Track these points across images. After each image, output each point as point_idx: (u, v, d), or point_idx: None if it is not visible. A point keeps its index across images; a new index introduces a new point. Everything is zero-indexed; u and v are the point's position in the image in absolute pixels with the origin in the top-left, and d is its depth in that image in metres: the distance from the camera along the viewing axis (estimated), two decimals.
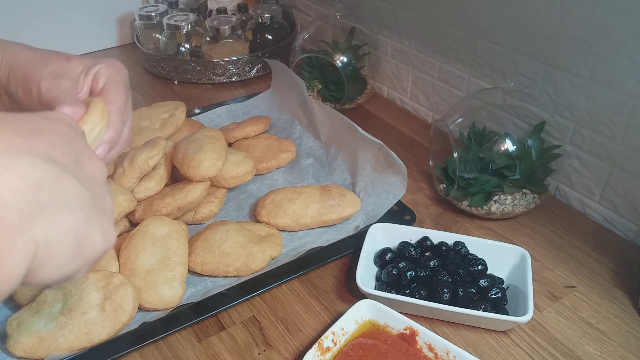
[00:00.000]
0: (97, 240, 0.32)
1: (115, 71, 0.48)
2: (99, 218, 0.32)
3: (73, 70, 0.48)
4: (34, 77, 0.46)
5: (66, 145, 0.32)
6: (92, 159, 0.34)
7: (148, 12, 1.10)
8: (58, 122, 0.34)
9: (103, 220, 0.33)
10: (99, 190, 0.34)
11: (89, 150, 0.35)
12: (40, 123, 0.32)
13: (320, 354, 0.51)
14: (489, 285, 0.57)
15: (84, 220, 0.31)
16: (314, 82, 0.99)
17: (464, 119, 0.73)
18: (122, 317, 0.54)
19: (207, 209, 0.69)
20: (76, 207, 0.30)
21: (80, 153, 0.33)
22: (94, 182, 0.33)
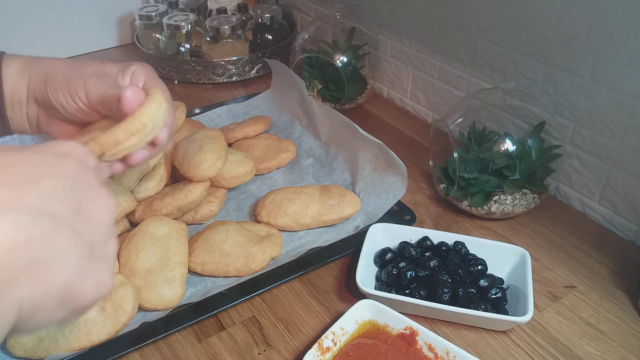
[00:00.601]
0: (88, 292, 0.31)
1: (150, 70, 0.51)
2: (94, 269, 0.31)
3: (110, 71, 0.50)
4: (77, 79, 0.47)
5: (68, 191, 0.31)
6: (100, 199, 0.33)
7: (148, 12, 1.10)
8: (65, 160, 0.32)
9: (99, 270, 0.32)
10: (101, 235, 0.33)
11: (97, 190, 0.34)
12: (42, 165, 0.31)
13: (320, 354, 0.51)
14: (489, 285, 0.57)
15: (75, 274, 0.30)
16: (314, 82, 0.99)
17: (464, 119, 0.73)
18: (122, 317, 0.54)
19: (207, 209, 0.69)
20: (67, 262, 0.29)
21: (86, 195, 0.32)
22: (97, 227, 0.32)
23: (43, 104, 0.48)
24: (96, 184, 0.34)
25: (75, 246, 0.30)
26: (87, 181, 0.33)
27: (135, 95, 0.44)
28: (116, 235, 0.35)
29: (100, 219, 0.33)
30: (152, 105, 0.44)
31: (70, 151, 0.34)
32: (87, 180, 0.33)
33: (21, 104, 0.49)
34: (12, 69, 0.48)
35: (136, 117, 0.44)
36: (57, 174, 0.31)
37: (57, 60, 0.50)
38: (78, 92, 0.46)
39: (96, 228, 0.32)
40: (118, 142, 0.44)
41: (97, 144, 0.44)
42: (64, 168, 0.32)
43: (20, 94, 0.48)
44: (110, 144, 0.44)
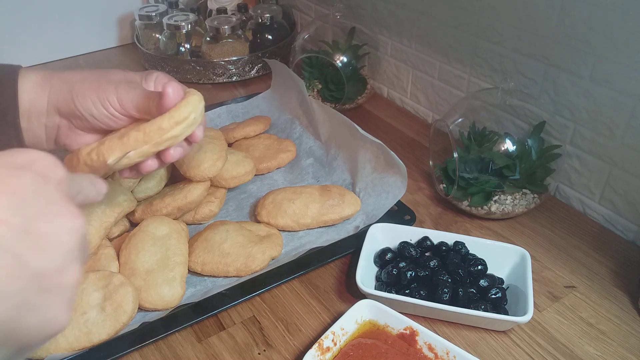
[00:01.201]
0: (32, 329, 0.27)
1: (171, 77, 0.52)
2: (41, 302, 0.28)
3: (134, 78, 0.51)
4: (106, 86, 0.48)
5: (16, 209, 0.27)
6: (60, 218, 0.29)
7: (148, 12, 1.10)
8: (20, 173, 0.29)
9: (49, 303, 0.28)
10: (56, 261, 0.28)
11: (57, 208, 0.30)
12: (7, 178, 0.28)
13: (320, 354, 0.51)
14: (489, 285, 0.57)
15: (13, 309, 0.26)
16: (314, 82, 0.99)
17: (464, 119, 0.73)
18: (122, 317, 0.54)
19: (207, 209, 0.69)
20: (5, 298, 0.26)
21: (41, 213, 0.28)
22: (51, 252, 0.28)
23: (68, 114, 0.48)
24: (58, 200, 0.30)
25: (16, 276, 0.26)
26: (45, 197, 0.29)
27: (176, 91, 0.46)
28: (80, 260, 0.30)
29: (57, 241, 0.29)
30: (195, 98, 0.47)
31: (31, 162, 0.30)
32: (45, 196, 0.29)
33: (40, 115, 0.49)
34: (29, 82, 0.48)
35: (180, 107, 0.46)
36: (10, 188, 0.28)
37: (78, 71, 0.51)
38: (109, 98, 0.47)
39: (49, 253, 0.28)
40: (162, 129, 0.45)
41: (140, 132, 0.45)
42: (17, 182, 0.28)
43: (40, 105, 0.49)
44: (154, 131, 0.45)
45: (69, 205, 0.30)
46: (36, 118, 0.49)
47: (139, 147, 0.46)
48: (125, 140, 0.46)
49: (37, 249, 0.28)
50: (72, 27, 1.18)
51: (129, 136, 0.46)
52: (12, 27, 1.11)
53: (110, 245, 0.62)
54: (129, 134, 0.46)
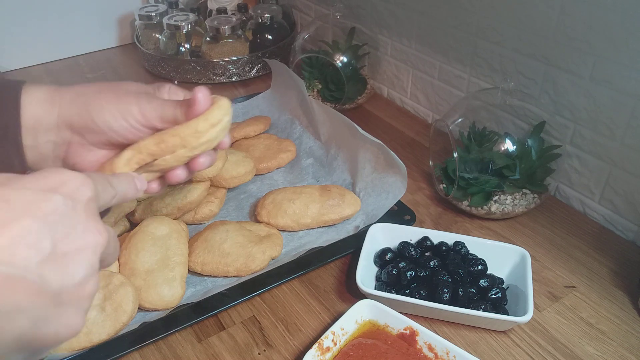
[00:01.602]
0: (49, 338, 0.30)
1: (183, 88, 0.52)
2: (58, 315, 0.30)
3: (147, 89, 0.50)
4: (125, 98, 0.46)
5: (43, 232, 0.29)
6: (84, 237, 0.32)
7: (148, 12, 1.10)
8: (49, 196, 0.31)
9: (66, 315, 0.30)
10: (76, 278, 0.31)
11: (82, 227, 0.32)
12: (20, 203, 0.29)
13: (320, 354, 0.51)
14: (489, 285, 0.57)
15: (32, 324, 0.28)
16: (314, 82, 0.99)
17: (464, 119, 0.73)
18: (122, 317, 0.54)
19: (207, 209, 0.69)
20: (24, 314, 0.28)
21: (67, 234, 0.31)
22: (72, 270, 0.30)
23: (82, 128, 0.46)
24: (83, 220, 0.32)
25: (37, 296, 0.28)
26: (71, 218, 0.31)
27: (206, 97, 0.45)
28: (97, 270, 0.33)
29: (79, 260, 0.31)
30: (226, 101, 0.47)
31: (61, 184, 0.32)
32: (71, 217, 0.31)
33: (48, 131, 0.47)
34: (34, 97, 0.46)
35: (213, 110, 0.45)
36: (34, 214, 0.29)
37: (89, 84, 0.49)
38: (131, 109, 0.46)
39: (71, 271, 0.30)
40: (198, 132, 0.44)
41: (176, 137, 0.44)
42: (45, 206, 0.30)
43: (48, 121, 0.46)
44: (191, 135, 0.44)
45: (93, 222, 0.33)
46: (43, 135, 0.47)
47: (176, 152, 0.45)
48: (164, 146, 0.45)
49: (60, 269, 0.30)
50: (72, 27, 1.18)
51: (167, 142, 0.45)
52: (12, 27, 1.11)
53: None
54: (165, 140, 0.45)
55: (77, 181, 0.33)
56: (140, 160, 0.46)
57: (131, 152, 0.46)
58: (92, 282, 0.32)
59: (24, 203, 0.29)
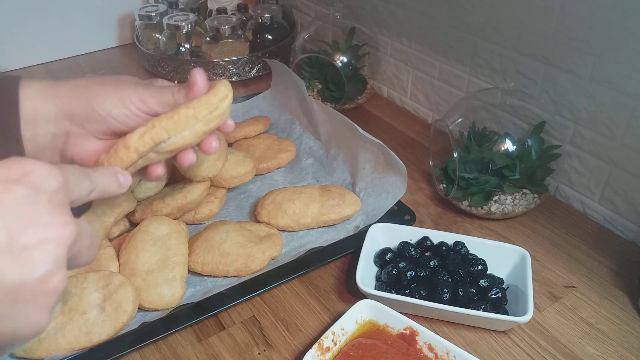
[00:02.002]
0: (6, 334, 0.29)
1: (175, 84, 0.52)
2: (18, 311, 0.29)
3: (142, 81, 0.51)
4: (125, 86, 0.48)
5: (6, 222, 0.29)
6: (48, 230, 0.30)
7: (148, 12, 1.10)
8: (11, 187, 0.30)
9: (24, 311, 0.29)
10: (36, 272, 0.29)
11: (46, 219, 0.31)
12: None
13: (320, 354, 0.51)
14: (489, 285, 0.57)
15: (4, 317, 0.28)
16: (314, 82, 0.99)
17: (464, 119, 0.73)
18: (122, 317, 0.54)
19: (207, 209, 0.69)
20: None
21: (27, 226, 0.30)
22: (32, 264, 0.29)
23: (82, 118, 0.47)
24: (47, 212, 0.31)
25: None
26: (34, 210, 0.30)
27: (203, 77, 0.46)
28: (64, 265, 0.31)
29: (40, 253, 0.30)
30: (226, 80, 0.48)
31: (25, 174, 0.31)
32: (33, 208, 0.30)
33: (47, 122, 0.47)
34: (32, 90, 0.47)
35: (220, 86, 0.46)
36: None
37: (86, 78, 0.50)
38: (130, 97, 0.47)
39: (30, 265, 0.29)
40: (211, 103, 0.46)
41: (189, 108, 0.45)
42: (7, 196, 0.29)
43: (47, 112, 0.47)
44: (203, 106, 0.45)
45: (59, 215, 0.31)
46: (42, 126, 0.47)
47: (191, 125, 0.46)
48: (177, 118, 0.45)
49: (17, 263, 0.29)
50: (72, 27, 1.18)
51: (179, 114, 0.45)
52: (12, 27, 1.11)
53: (110, 245, 0.62)
54: (178, 112, 0.45)
55: (42, 171, 0.32)
56: (155, 135, 0.46)
57: (144, 127, 0.46)
58: (57, 278, 0.30)
59: None
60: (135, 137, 0.46)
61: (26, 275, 0.29)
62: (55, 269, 0.30)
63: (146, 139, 0.46)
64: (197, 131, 0.47)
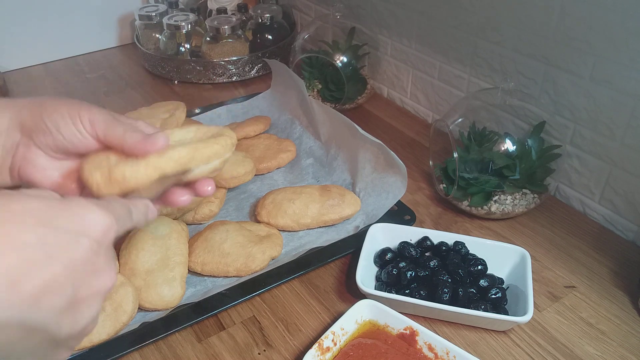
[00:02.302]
0: None
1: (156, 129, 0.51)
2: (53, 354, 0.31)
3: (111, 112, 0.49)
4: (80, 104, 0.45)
5: (70, 279, 0.30)
6: (100, 280, 0.32)
7: (148, 12, 1.10)
8: (79, 241, 0.31)
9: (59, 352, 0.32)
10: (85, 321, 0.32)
11: (100, 272, 0.32)
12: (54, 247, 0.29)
13: (320, 354, 0.51)
14: (489, 285, 0.57)
15: None
16: (314, 82, 0.99)
17: (464, 119, 0.73)
18: (122, 317, 0.54)
19: (207, 209, 0.69)
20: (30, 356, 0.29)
21: (87, 281, 0.31)
22: (84, 314, 0.31)
23: (32, 128, 0.45)
24: (102, 265, 0.33)
25: (49, 342, 0.30)
26: (93, 264, 0.32)
27: (165, 144, 0.43)
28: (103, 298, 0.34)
29: (89, 306, 0.32)
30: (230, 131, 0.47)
31: (89, 225, 0.32)
32: (94, 263, 0.32)
33: (0, 134, 0.45)
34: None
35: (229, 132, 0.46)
36: (63, 261, 0.30)
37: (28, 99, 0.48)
38: (80, 114, 0.44)
39: (80, 317, 0.31)
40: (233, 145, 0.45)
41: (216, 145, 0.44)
42: (74, 251, 0.30)
43: (0, 124, 0.45)
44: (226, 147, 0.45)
45: (111, 267, 0.33)
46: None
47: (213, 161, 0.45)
48: (209, 152, 0.44)
49: (72, 316, 0.31)
50: (72, 27, 1.18)
51: (211, 148, 0.44)
52: (12, 27, 1.11)
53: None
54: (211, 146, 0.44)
55: (105, 224, 0.33)
56: (184, 163, 0.43)
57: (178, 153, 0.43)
58: (92, 325, 0.33)
59: (57, 247, 0.30)
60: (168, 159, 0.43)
61: (75, 328, 0.31)
62: (95, 319, 0.33)
63: (177, 164, 0.43)
64: (214, 168, 0.46)
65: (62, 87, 1.08)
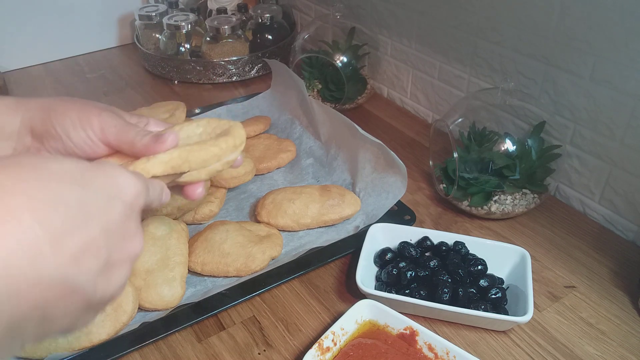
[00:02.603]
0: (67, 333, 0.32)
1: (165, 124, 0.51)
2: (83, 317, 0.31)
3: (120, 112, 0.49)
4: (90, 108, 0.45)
5: (105, 243, 0.30)
6: (131, 247, 0.33)
7: (148, 12, 1.10)
8: (114, 204, 0.31)
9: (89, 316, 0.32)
10: (116, 285, 0.32)
11: (131, 237, 0.33)
12: (91, 208, 0.30)
13: (320, 354, 0.51)
14: (489, 285, 0.57)
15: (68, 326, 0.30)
16: (314, 82, 0.99)
17: (464, 119, 0.73)
18: (122, 317, 0.54)
19: (207, 209, 0.69)
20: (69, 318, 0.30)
21: (120, 246, 0.32)
22: (116, 282, 0.32)
23: (42, 133, 0.45)
24: (133, 230, 0.33)
25: (85, 304, 0.30)
26: (126, 229, 0.32)
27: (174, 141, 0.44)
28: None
29: (121, 271, 0.32)
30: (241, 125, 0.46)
31: (123, 188, 0.33)
32: (126, 227, 0.32)
33: (10, 137, 0.45)
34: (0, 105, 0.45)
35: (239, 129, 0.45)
36: (100, 223, 0.30)
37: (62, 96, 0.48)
38: (91, 121, 0.44)
39: (113, 282, 0.32)
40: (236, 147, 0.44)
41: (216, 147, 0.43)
42: (111, 215, 0.31)
43: (11, 126, 0.45)
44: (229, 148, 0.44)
45: (140, 234, 0.34)
46: (4, 141, 0.45)
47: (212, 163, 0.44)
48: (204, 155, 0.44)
49: (106, 280, 0.31)
50: (72, 27, 1.18)
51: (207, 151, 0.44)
52: (12, 27, 1.11)
53: None
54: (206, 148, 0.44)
55: (137, 189, 0.33)
56: (176, 166, 0.43)
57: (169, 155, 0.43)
58: (121, 290, 0.33)
59: (95, 208, 0.30)
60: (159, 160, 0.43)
61: (108, 291, 0.31)
62: (124, 286, 0.33)
63: (167, 168, 0.43)
64: (212, 171, 0.45)
65: (62, 87, 1.08)
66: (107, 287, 0.31)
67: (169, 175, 0.44)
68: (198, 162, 0.44)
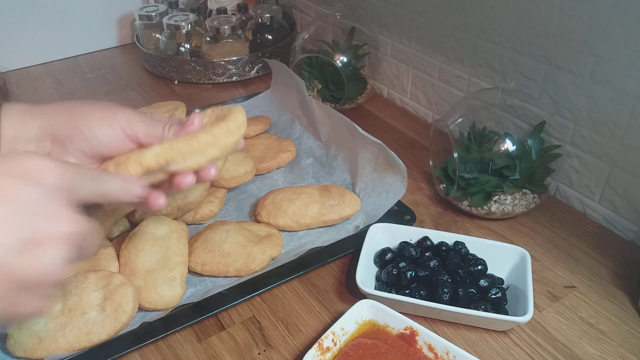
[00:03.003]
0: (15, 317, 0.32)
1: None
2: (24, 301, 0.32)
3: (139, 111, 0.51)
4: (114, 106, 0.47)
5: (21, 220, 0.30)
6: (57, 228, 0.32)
7: (148, 12, 1.10)
8: (23, 184, 0.31)
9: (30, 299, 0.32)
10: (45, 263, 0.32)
11: (54, 213, 0.32)
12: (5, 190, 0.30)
13: (320, 354, 0.51)
14: (489, 285, 0.57)
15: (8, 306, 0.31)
16: (314, 82, 0.99)
17: (464, 119, 0.73)
18: (122, 317, 0.54)
19: (207, 209, 0.69)
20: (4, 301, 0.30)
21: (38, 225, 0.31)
22: (42, 257, 0.31)
23: (65, 136, 0.45)
24: (61, 212, 0.33)
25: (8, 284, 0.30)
26: (51, 210, 0.32)
27: (201, 123, 0.45)
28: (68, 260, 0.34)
29: (49, 249, 0.32)
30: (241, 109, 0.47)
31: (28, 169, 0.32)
32: (51, 209, 0.32)
33: (28, 142, 0.45)
34: (13, 110, 0.46)
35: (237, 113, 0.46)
36: (7, 200, 0.30)
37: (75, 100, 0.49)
38: (117, 117, 0.45)
39: (40, 261, 0.31)
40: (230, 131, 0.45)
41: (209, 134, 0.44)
42: (14, 192, 0.31)
43: (28, 132, 0.45)
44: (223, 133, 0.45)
45: (66, 211, 0.33)
46: (23, 146, 0.45)
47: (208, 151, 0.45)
48: (196, 144, 0.44)
49: (29, 259, 0.31)
50: (72, 27, 1.18)
51: (199, 140, 0.44)
52: (12, 27, 1.11)
53: (110, 245, 0.62)
54: (197, 138, 0.44)
55: (44, 167, 0.33)
56: (170, 157, 0.44)
57: (161, 147, 0.44)
58: (60, 272, 0.33)
59: (5, 192, 0.30)
60: (150, 155, 0.44)
61: (35, 270, 0.31)
62: (60, 265, 0.32)
63: (160, 159, 0.44)
64: (211, 157, 0.45)
65: (62, 87, 1.08)
66: (33, 265, 0.31)
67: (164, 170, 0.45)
68: (190, 150, 0.44)
